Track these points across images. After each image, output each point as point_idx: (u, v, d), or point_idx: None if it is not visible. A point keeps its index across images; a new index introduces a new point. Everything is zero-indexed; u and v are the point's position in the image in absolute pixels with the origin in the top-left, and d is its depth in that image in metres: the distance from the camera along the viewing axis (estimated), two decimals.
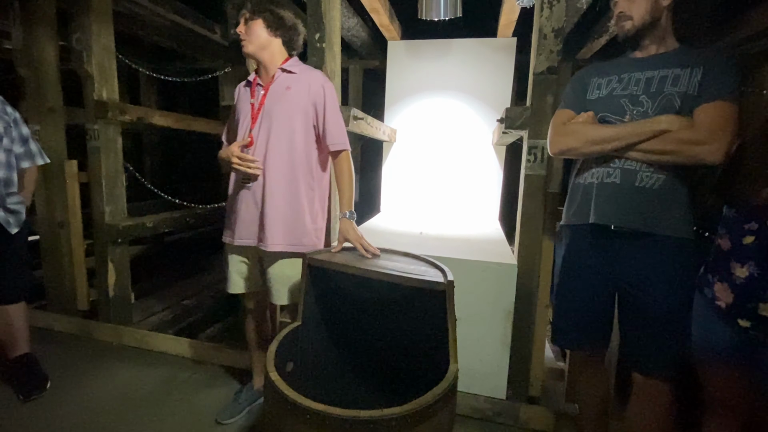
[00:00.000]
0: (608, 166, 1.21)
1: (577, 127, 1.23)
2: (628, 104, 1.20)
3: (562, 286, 1.35)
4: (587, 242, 1.27)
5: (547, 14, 1.57)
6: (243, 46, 1.45)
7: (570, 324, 1.34)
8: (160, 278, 3.46)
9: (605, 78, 1.27)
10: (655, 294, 1.17)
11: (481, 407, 1.74)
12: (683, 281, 1.17)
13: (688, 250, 1.16)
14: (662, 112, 1.14)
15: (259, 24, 1.43)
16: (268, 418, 1.09)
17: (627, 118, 1.19)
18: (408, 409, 0.91)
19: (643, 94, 1.18)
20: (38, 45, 2.24)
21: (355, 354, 1.54)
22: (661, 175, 1.14)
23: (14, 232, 1.73)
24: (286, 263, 1.51)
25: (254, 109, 1.47)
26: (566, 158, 1.34)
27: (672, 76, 1.15)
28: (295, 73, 1.47)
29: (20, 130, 1.77)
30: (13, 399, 1.76)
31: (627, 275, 1.21)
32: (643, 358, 1.23)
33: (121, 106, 2.28)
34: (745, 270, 1.02)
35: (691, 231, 1.16)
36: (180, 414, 1.73)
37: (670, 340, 1.18)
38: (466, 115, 2.93)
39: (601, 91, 1.26)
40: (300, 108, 1.45)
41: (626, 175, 1.17)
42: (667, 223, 1.14)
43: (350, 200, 1.50)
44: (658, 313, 1.17)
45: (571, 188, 1.34)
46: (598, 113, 1.24)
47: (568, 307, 1.34)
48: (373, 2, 2.45)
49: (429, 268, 1.28)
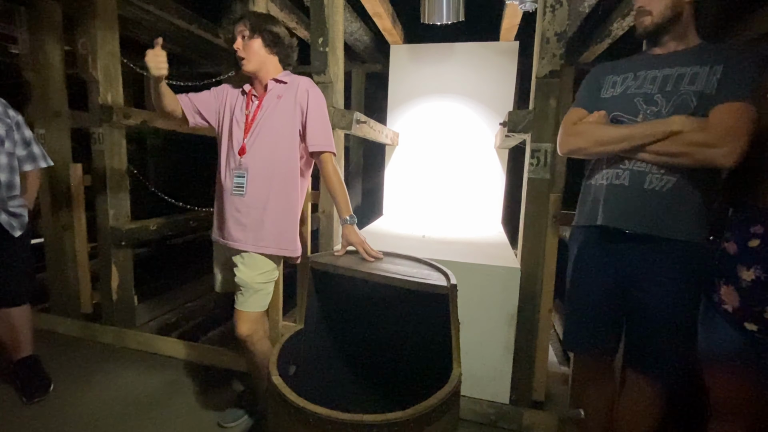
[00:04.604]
0: (618, 167, 1.18)
1: (586, 127, 1.21)
2: (641, 103, 1.16)
3: (573, 289, 1.33)
4: (596, 244, 1.25)
5: (550, 18, 1.57)
6: (242, 65, 1.46)
7: (581, 327, 1.31)
8: (164, 281, 3.47)
9: (621, 75, 1.23)
10: (660, 298, 1.15)
11: (484, 412, 1.73)
12: (690, 286, 1.14)
13: (698, 255, 1.12)
14: (677, 111, 1.09)
15: (257, 42, 1.45)
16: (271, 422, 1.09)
17: (640, 117, 1.15)
18: (411, 414, 0.91)
19: (658, 93, 1.14)
20: (44, 49, 2.26)
21: (358, 358, 1.54)
22: (671, 178, 1.10)
23: (17, 235, 1.73)
24: (255, 265, 1.49)
25: (248, 120, 1.49)
26: (576, 159, 1.32)
27: (690, 74, 1.10)
28: (286, 82, 1.51)
29: (23, 133, 1.78)
30: (17, 401, 1.77)
31: (634, 278, 1.19)
32: (643, 360, 1.21)
33: (125, 110, 2.30)
34: (752, 273, 1.01)
35: (703, 235, 1.13)
36: (183, 417, 1.73)
37: (672, 345, 1.16)
38: (468, 119, 2.93)
39: (615, 90, 1.22)
40: (289, 115, 1.48)
41: (635, 177, 1.14)
42: (677, 227, 1.11)
43: (346, 203, 1.49)
44: (662, 317, 1.15)
45: (582, 189, 1.33)
46: (611, 112, 1.21)
47: (579, 310, 1.31)
48: (376, 7, 2.46)
49: (432, 272, 1.28)
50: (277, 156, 1.48)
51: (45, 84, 2.29)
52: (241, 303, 1.49)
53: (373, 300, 1.43)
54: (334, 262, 1.33)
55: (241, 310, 1.49)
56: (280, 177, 1.49)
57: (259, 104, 1.49)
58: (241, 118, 1.50)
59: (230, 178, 1.49)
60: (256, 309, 1.50)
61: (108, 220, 2.29)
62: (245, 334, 1.49)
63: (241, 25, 1.46)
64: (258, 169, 1.46)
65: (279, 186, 1.49)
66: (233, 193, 1.48)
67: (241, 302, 1.49)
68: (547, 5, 1.57)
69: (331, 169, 1.50)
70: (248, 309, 1.49)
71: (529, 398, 1.75)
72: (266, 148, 1.47)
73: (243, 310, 1.49)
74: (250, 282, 1.47)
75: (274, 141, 1.47)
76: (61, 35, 2.33)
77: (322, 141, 1.49)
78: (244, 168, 1.46)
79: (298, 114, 1.48)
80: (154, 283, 3.37)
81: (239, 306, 1.49)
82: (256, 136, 1.47)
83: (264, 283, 1.51)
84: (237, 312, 1.50)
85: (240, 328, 1.49)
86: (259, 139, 1.47)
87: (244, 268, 1.48)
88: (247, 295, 1.48)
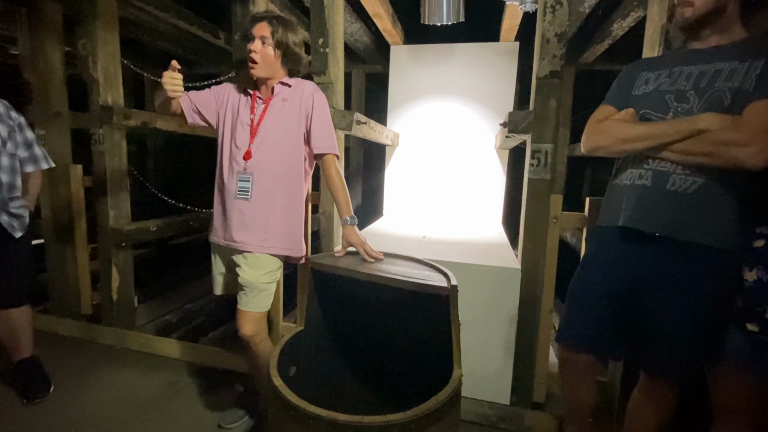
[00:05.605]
0: (641, 167, 1.13)
1: (611, 124, 1.16)
2: (672, 101, 1.10)
3: (578, 282, 1.29)
4: (614, 244, 1.20)
5: (550, 18, 1.57)
6: (253, 68, 1.43)
7: (578, 322, 1.27)
8: (164, 282, 3.47)
9: (654, 72, 1.17)
10: (679, 303, 1.09)
11: (485, 413, 1.73)
12: (710, 293, 1.07)
13: (722, 261, 1.05)
14: (709, 109, 1.02)
15: (278, 55, 1.44)
16: (271, 423, 1.08)
17: (670, 115, 1.09)
18: (412, 415, 0.91)
19: (691, 90, 1.07)
20: (44, 51, 2.26)
21: (358, 359, 1.54)
22: (697, 179, 1.04)
23: (18, 236, 1.73)
24: (259, 265, 1.49)
25: (253, 124, 1.49)
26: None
27: (727, 70, 1.03)
28: (290, 86, 1.51)
29: (24, 135, 1.78)
30: (17, 402, 1.77)
31: (650, 282, 1.13)
32: (659, 365, 1.16)
33: (125, 111, 2.30)
34: (754, 274, 1.01)
35: (732, 240, 1.04)
36: (183, 418, 1.72)
37: (689, 351, 1.11)
38: (468, 119, 2.93)
39: (647, 87, 1.17)
40: (294, 118, 1.49)
41: (658, 177, 1.09)
42: (702, 231, 1.04)
43: (347, 205, 1.49)
44: (679, 323, 1.10)
45: (607, 190, 1.29)
46: (641, 110, 1.15)
47: (580, 304, 1.27)
48: (376, 7, 2.46)
49: (432, 273, 1.28)
50: (282, 159, 1.48)
51: (45, 85, 2.30)
52: (245, 303, 1.49)
53: (374, 301, 1.43)
54: (335, 263, 1.33)
55: (244, 311, 1.49)
56: (285, 179, 1.50)
57: (265, 108, 1.49)
58: (247, 122, 1.50)
59: (234, 182, 1.48)
60: (259, 309, 1.50)
61: (108, 221, 2.29)
62: (248, 335, 1.49)
63: (264, 27, 1.41)
64: (263, 173, 1.46)
65: (284, 188, 1.50)
66: (237, 196, 1.47)
67: (244, 302, 1.49)
68: (547, 6, 1.57)
69: (334, 170, 1.51)
70: (252, 309, 1.49)
71: (529, 399, 1.75)
72: (272, 152, 1.47)
73: (247, 311, 1.48)
74: (254, 282, 1.47)
75: (279, 145, 1.48)
76: (61, 36, 2.33)
77: (327, 143, 1.50)
78: (249, 173, 1.46)
79: (303, 118, 1.49)
80: (154, 284, 3.37)
81: (242, 306, 1.49)
82: (262, 141, 1.47)
83: (268, 283, 1.51)
84: (240, 312, 1.49)
85: (243, 328, 1.48)
86: (265, 144, 1.47)
87: (247, 268, 1.48)
88: (251, 296, 1.48)
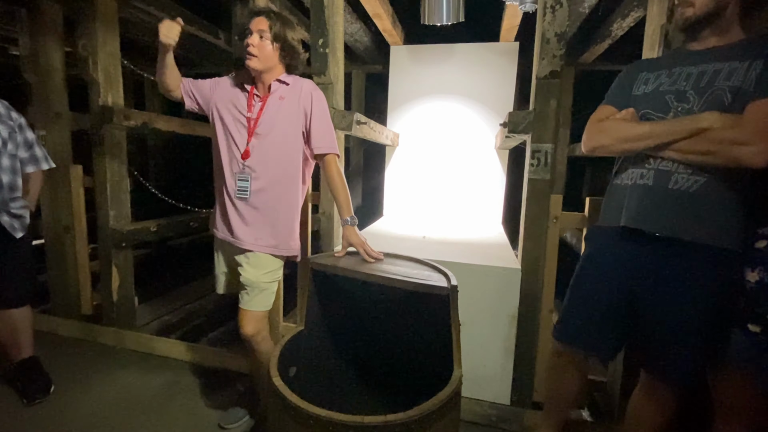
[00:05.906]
0: (643, 166, 1.13)
1: (612, 124, 1.17)
2: (672, 100, 1.10)
3: (577, 281, 1.29)
4: (614, 244, 1.20)
5: (550, 19, 1.57)
6: (249, 59, 1.41)
7: (573, 318, 1.27)
8: (164, 282, 3.47)
9: (654, 72, 1.18)
10: (681, 303, 1.09)
11: (485, 413, 1.73)
12: (712, 293, 1.07)
13: (727, 262, 1.05)
14: (709, 108, 1.03)
15: (275, 48, 1.44)
16: (271, 423, 1.08)
17: (670, 115, 1.10)
18: (412, 415, 0.91)
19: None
20: (45, 51, 2.26)
21: (359, 359, 1.54)
22: (699, 178, 1.04)
23: (19, 237, 1.73)
24: (261, 264, 1.49)
25: (251, 123, 1.48)
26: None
27: (727, 70, 1.04)
28: (288, 84, 1.50)
29: (25, 135, 1.78)
30: (17, 402, 1.77)
31: (650, 282, 1.13)
32: (662, 365, 1.16)
33: (126, 112, 2.30)
34: (756, 275, 1.01)
35: (734, 240, 1.05)
36: (183, 418, 1.72)
37: (692, 351, 1.10)
38: (468, 120, 2.93)
39: (647, 87, 1.18)
40: (293, 117, 1.48)
41: (659, 177, 1.09)
42: (704, 231, 1.04)
43: (348, 205, 1.49)
44: (682, 322, 1.10)
45: (608, 190, 1.29)
46: (641, 110, 1.16)
47: (578, 302, 1.27)
48: (376, 8, 2.46)
49: (432, 273, 1.28)
50: (281, 159, 1.48)
51: (45, 85, 2.29)
52: (247, 302, 1.49)
53: (374, 301, 1.43)
54: (335, 263, 1.33)
55: (246, 310, 1.49)
56: (284, 179, 1.50)
57: (262, 106, 1.48)
58: (244, 120, 1.50)
59: (233, 181, 1.48)
60: (261, 308, 1.50)
61: (108, 221, 2.29)
62: (250, 334, 1.49)
63: (262, 22, 1.41)
64: (262, 172, 1.46)
65: (283, 188, 1.50)
66: (237, 196, 1.48)
67: (246, 301, 1.49)
68: (547, 6, 1.57)
69: (335, 170, 1.51)
70: (254, 308, 1.49)
71: (530, 399, 1.75)
72: (270, 152, 1.47)
73: (248, 310, 1.49)
74: (256, 281, 1.47)
75: (278, 144, 1.47)
76: (61, 37, 2.33)
77: (327, 143, 1.50)
78: (247, 172, 1.46)
79: (302, 117, 1.48)
80: (154, 284, 3.37)
81: (244, 305, 1.49)
82: (260, 140, 1.46)
83: (269, 282, 1.51)
84: (242, 311, 1.49)
85: (245, 327, 1.49)
86: (263, 143, 1.46)
87: (249, 267, 1.48)
88: (253, 295, 1.48)
